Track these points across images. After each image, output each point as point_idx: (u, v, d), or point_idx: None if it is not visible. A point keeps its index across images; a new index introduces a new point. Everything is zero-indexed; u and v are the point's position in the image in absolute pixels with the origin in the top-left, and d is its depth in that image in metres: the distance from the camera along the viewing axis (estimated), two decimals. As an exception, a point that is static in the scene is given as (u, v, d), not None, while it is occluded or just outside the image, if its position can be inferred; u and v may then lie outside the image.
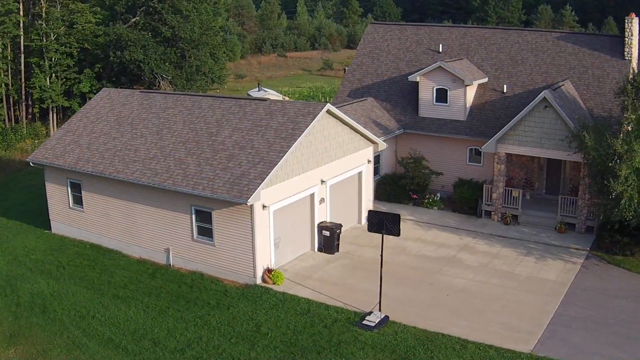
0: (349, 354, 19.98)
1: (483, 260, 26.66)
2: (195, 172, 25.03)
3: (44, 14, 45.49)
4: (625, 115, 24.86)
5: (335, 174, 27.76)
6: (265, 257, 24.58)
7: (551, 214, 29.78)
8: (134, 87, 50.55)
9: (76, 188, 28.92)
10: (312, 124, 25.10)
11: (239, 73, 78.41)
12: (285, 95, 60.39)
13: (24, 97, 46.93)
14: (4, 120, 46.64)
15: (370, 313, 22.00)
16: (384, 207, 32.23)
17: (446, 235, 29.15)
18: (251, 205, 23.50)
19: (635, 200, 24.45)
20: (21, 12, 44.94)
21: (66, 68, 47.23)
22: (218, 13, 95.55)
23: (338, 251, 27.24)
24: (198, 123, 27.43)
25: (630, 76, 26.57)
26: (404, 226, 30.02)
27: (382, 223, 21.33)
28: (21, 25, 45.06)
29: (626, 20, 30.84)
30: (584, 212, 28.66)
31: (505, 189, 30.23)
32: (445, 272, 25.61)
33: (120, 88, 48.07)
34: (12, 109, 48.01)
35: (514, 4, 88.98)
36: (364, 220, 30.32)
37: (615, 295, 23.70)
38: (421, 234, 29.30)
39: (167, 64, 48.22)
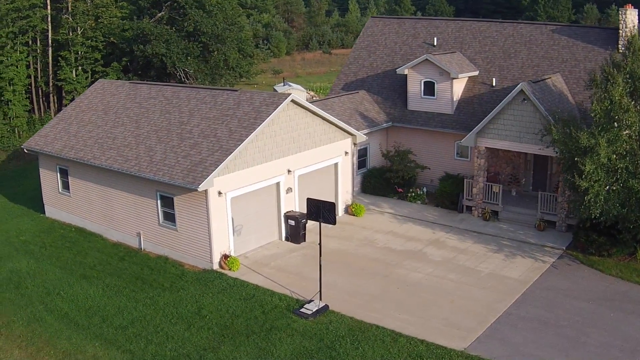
0: (276, 340, 20.23)
1: (448, 255, 26.24)
2: (160, 159, 25.80)
3: (70, 9, 47.54)
4: (591, 107, 23.92)
5: (305, 165, 27.92)
6: (223, 243, 25.06)
7: (533, 211, 28.95)
8: (168, 80, 51.91)
9: (64, 174, 30.29)
10: (273, 113, 25.38)
11: (276, 69, 79.31)
12: (312, 91, 60.77)
13: (51, 88, 49.16)
14: (33, 110, 49.04)
15: (310, 301, 22.13)
16: (367, 200, 32.19)
17: (419, 229, 28.81)
18: (206, 192, 24.06)
19: (602, 197, 23.49)
20: (49, 7, 47.10)
21: (93, 61, 49.16)
22: (266, 10, 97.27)
23: (304, 241, 27.39)
24: (173, 112, 28.21)
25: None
26: (380, 218, 30.27)
27: (319, 211, 21.41)
28: (49, 19, 47.21)
29: (620, 12, 29.56)
30: (563, 210, 27.72)
31: (486, 184, 29.59)
32: (404, 265, 25.37)
33: (148, 81, 49.75)
34: (41, 100, 50.41)
35: (563, 4, 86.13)
36: (340, 212, 30.40)
37: (578, 296, 22.83)
38: (394, 227, 29.08)
39: (189, 57, 49.36)
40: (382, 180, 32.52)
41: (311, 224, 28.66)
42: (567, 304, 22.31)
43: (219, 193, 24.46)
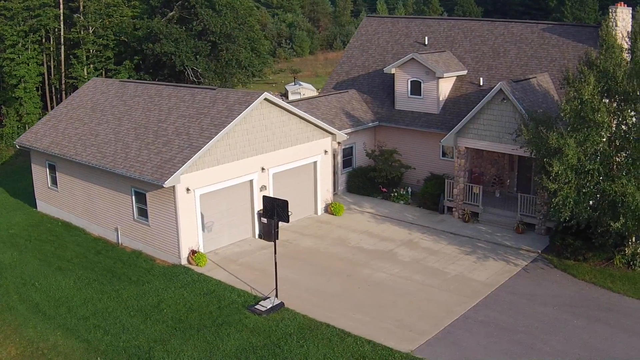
0: (225, 335, 20.42)
1: (418, 256, 26.00)
2: (134, 155, 26.27)
3: (81, 8, 48.67)
4: (560, 106, 23.40)
5: (280, 163, 28.02)
6: (192, 239, 25.37)
7: (514, 213, 28.45)
8: (184, 80, 52.47)
9: (52, 169, 31.07)
10: (244, 112, 25.55)
11: (294, 68, 79.69)
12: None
13: (64, 86, 50.39)
14: (46, 107, 50.36)
15: (266, 298, 22.25)
16: (351, 199, 32.15)
17: (396, 230, 28.62)
18: (173, 188, 24.39)
19: (571, 200, 22.96)
20: (61, 7, 48.29)
21: (105, 60, 50.23)
22: (292, 9, 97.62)
23: (277, 239, 27.33)
24: (153, 110, 28.66)
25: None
26: (359, 218, 30.18)
27: (274, 209, 21.50)
28: (61, 18, 48.42)
29: (610, 10, 28.75)
30: (542, 212, 27.17)
31: (467, 185, 29.21)
32: (371, 265, 25.24)
33: (159, 80, 50.51)
34: (54, 97, 51.74)
35: (590, 5, 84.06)
36: (320, 211, 30.42)
37: (544, 302, 22.32)
38: (370, 227, 28.95)
39: (198, 56, 49.90)
40: (366, 179, 32.42)
41: (290, 223, 28.81)
42: (530, 309, 21.83)
43: (187, 190, 24.77)
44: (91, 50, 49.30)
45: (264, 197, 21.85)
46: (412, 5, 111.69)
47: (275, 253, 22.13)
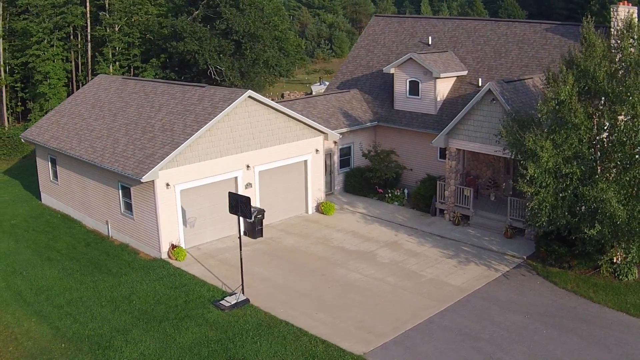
0: (184, 328, 20.62)
1: (398, 258, 25.60)
2: (121, 150, 26.78)
3: (107, 6, 49.95)
4: (537, 106, 22.64)
5: (267, 161, 28.03)
6: (172, 233, 25.68)
7: (505, 217, 27.70)
8: (209, 78, 53.21)
9: (54, 163, 31.95)
10: (226, 109, 25.69)
11: (327, 69, 79.81)
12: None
13: (90, 83, 51.79)
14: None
15: (233, 294, 22.34)
16: (346, 199, 31.94)
17: (383, 231, 28.25)
18: (153, 183, 24.75)
19: (547, 205, 22.20)
20: (87, 5, 49.68)
21: (131, 57, 51.38)
22: (334, 10, 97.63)
23: (261, 236, 27.54)
24: (145, 107, 29.15)
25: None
26: (349, 218, 29.99)
27: (237, 205, 21.58)
28: (88, 15, 49.83)
29: (611, 9, 27.69)
30: (526, 217, 26.29)
31: (458, 187, 28.60)
32: (348, 265, 24.99)
33: (185, 79, 51.35)
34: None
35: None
36: (310, 210, 30.30)
37: (516, 309, 21.58)
38: (358, 227, 28.68)
39: (221, 55, 50.45)
40: (362, 179, 32.14)
41: (279, 221, 28.97)
42: (500, 317, 21.16)
43: (167, 185, 25.08)
44: (117, 48, 50.51)
45: (229, 194, 21.95)
46: (456, 7, 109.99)
47: (240, 249, 22.20)
